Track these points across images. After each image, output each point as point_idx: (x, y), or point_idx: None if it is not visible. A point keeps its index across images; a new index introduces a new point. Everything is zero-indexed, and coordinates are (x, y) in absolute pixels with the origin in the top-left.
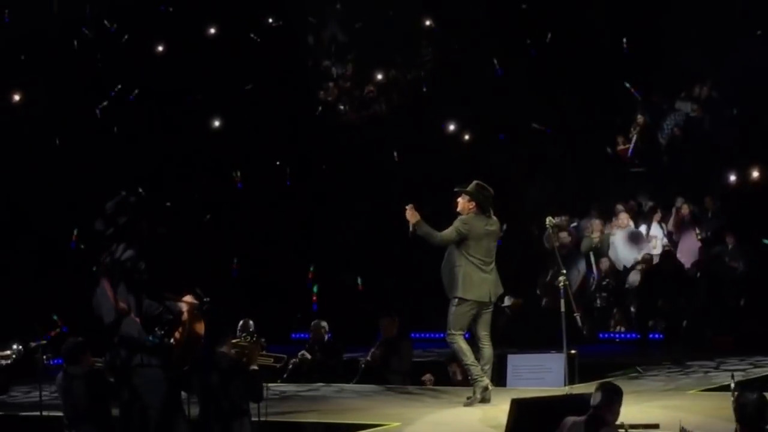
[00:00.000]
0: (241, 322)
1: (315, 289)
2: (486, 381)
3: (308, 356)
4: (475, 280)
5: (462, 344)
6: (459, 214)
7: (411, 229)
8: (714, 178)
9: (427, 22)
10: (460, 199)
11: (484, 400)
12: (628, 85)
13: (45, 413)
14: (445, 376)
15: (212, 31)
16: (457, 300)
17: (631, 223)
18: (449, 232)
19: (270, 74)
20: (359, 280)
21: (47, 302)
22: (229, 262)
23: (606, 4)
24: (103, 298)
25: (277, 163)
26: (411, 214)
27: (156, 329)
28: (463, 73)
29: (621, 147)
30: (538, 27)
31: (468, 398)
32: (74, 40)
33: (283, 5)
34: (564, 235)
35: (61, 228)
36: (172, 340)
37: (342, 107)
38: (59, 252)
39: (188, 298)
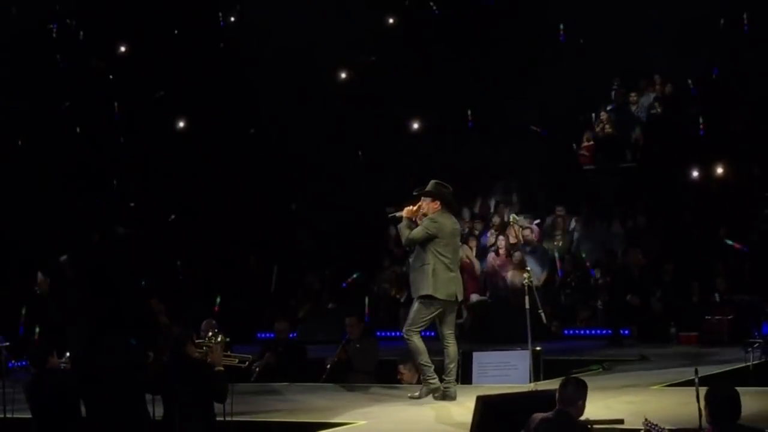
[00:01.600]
0: (204, 323)
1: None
2: (437, 384)
3: (272, 357)
4: (444, 279)
5: (419, 343)
6: (422, 218)
7: (396, 215)
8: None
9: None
10: (422, 203)
11: (447, 397)
12: None
13: (10, 415)
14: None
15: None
16: (423, 298)
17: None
18: (417, 231)
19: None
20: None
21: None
22: (195, 263)
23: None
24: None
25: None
26: (408, 211)
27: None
28: (427, 69)
29: (585, 144)
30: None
31: (410, 396)
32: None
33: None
34: (528, 232)
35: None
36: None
37: None
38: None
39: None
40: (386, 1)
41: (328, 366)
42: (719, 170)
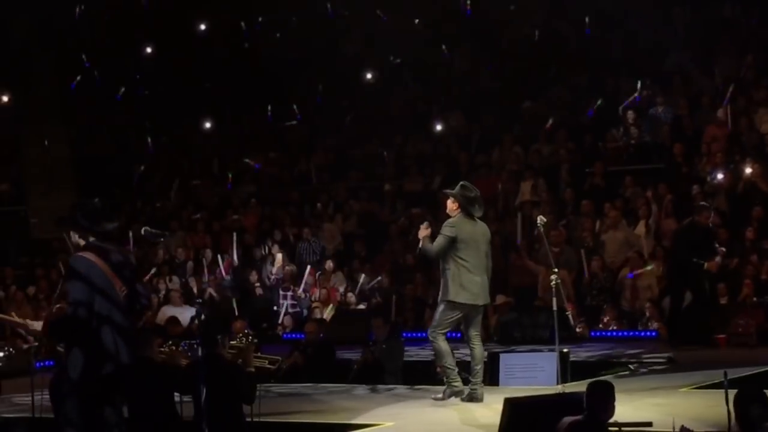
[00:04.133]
0: (237, 323)
1: None
2: (460, 387)
3: (301, 358)
4: (464, 283)
5: (443, 345)
6: (449, 215)
7: (420, 246)
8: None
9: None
10: (448, 202)
11: (474, 399)
12: None
13: (38, 415)
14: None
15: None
16: (446, 303)
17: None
18: (438, 241)
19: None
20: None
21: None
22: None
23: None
24: None
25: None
26: (423, 231)
27: None
28: (452, 73)
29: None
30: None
31: (434, 397)
32: None
33: None
34: (555, 233)
35: None
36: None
37: None
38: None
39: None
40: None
41: (355, 367)
42: (747, 170)
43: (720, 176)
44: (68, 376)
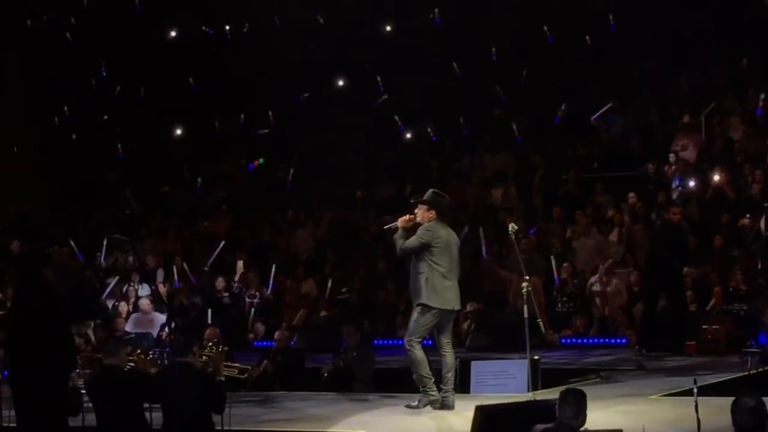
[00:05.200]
0: (207, 331)
1: None
2: (436, 396)
3: (270, 366)
4: (439, 288)
5: (419, 353)
6: (419, 225)
7: (391, 225)
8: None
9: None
10: (418, 210)
11: (445, 407)
12: None
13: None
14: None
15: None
16: (420, 307)
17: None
18: (411, 241)
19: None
20: None
21: None
22: (192, 268)
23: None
24: None
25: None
26: (404, 221)
27: None
28: (425, 78)
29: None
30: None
31: (407, 405)
32: None
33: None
34: (526, 240)
35: None
36: None
37: None
38: None
39: None
40: (385, 8)
41: (325, 374)
42: (716, 178)
43: (691, 183)
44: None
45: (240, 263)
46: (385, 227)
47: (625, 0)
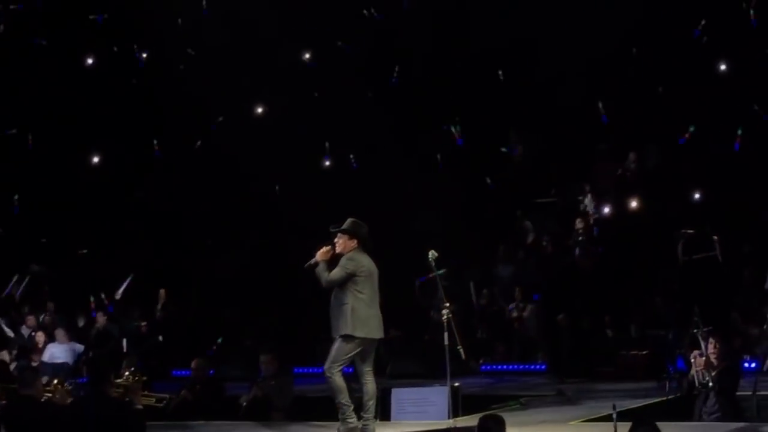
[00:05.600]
0: (125, 360)
1: None
2: (355, 424)
3: (189, 395)
4: (363, 318)
5: (340, 382)
6: (339, 255)
7: (312, 262)
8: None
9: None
10: (339, 240)
11: None
12: None
13: None
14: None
15: (89, 61)
16: (343, 337)
17: None
18: (336, 272)
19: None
20: None
21: None
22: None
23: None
24: None
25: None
26: (322, 253)
27: None
28: (339, 105)
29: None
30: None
31: None
32: None
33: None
34: (447, 267)
35: None
36: None
37: None
38: None
39: None
40: (304, 35)
41: (244, 404)
42: (632, 204)
43: (606, 210)
44: None
45: (162, 292)
46: (306, 265)
47: (544, 26)
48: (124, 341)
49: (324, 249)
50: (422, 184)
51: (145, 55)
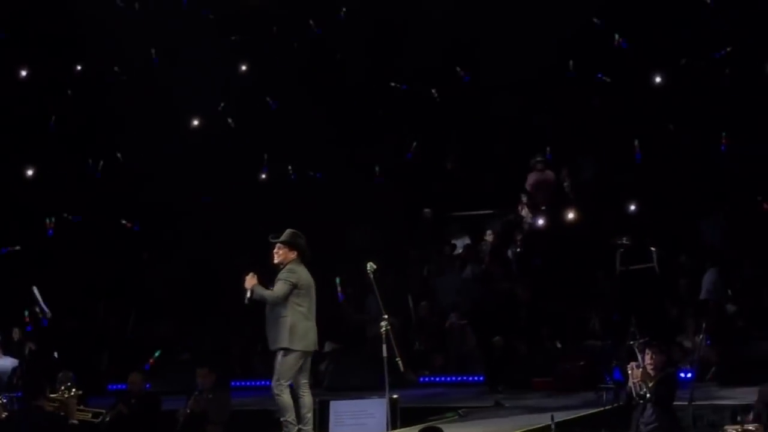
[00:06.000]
0: (60, 374)
1: None
2: None
3: (125, 409)
4: (302, 330)
5: (287, 399)
6: (276, 265)
7: (249, 295)
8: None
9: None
10: (279, 250)
11: None
12: None
13: None
14: None
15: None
16: (284, 351)
17: None
18: (280, 287)
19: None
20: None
21: None
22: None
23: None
24: None
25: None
26: (249, 280)
27: None
28: (277, 117)
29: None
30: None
31: None
32: None
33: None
34: (384, 279)
35: None
36: None
37: None
38: None
39: None
40: (241, 47)
41: (181, 418)
42: (569, 216)
43: (540, 222)
44: None
45: (100, 306)
46: (247, 301)
47: (482, 37)
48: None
49: (248, 277)
50: (361, 196)
51: (79, 68)
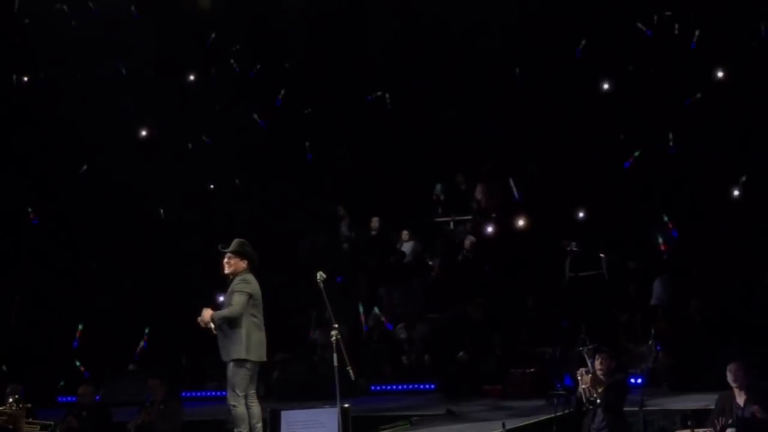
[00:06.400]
0: (9, 387)
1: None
2: None
3: (75, 421)
4: (256, 340)
5: (243, 411)
6: (227, 276)
7: (212, 326)
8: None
9: (191, 77)
10: (230, 260)
11: None
12: None
13: None
14: None
15: None
16: (236, 362)
17: None
18: (240, 299)
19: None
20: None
21: None
22: None
23: None
24: None
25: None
26: (206, 314)
27: None
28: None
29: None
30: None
31: None
32: None
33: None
34: (334, 288)
35: None
36: None
37: None
38: None
39: None
40: (188, 57)
41: (132, 429)
42: (519, 223)
43: (489, 230)
44: None
45: (49, 319)
46: (214, 332)
47: (426, 50)
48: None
49: (204, 312)
50: (308, 205)
51: (26, 79)
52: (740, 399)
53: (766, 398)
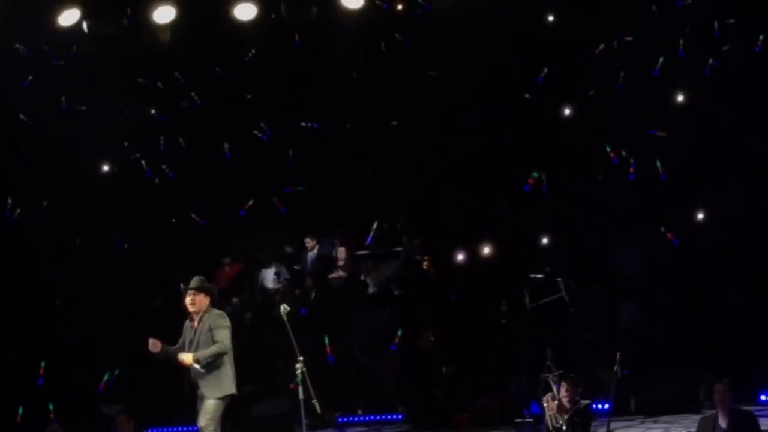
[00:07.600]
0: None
1: None
2: None
3: None
4: (231, 375)
5: None
6: (191, 314)
7: (198, 367)
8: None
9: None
10: (194, 298)
11: None
12: None
13: None
14: None
15: None
16: (220, 399)
17: None
18: (225, 335)
19: None
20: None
21: None
22: None
23: None
24: None
25: None
26: (185, 360)
27: None
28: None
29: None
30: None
31: None
32: None
33: None
34: (299, 320)
35: None
36: None
37: None
38: None
39: None
40: (149, 92)
41: None
42: (485, 250)
43: (460, 257)
44: None
45: (12, 356)
46: (201, 371)
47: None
48: None
49: (184, 357)
50: (269, 234)
51: None
52: (723, 422)
53: (750, 424)
